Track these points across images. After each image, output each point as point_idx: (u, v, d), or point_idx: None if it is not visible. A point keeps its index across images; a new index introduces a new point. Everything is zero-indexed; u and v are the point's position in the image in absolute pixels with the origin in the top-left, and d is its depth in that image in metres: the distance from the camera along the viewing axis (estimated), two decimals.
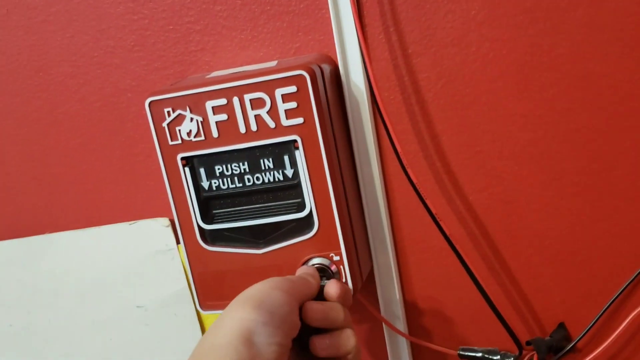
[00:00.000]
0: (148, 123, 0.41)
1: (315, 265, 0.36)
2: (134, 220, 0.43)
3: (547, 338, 0.40)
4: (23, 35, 0.41)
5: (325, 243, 0.36)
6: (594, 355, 0.38)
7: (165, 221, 0.43)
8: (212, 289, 0.38)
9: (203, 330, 0.44)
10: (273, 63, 0.37)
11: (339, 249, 0.36)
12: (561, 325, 0.40)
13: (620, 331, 0.38)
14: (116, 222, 0.44)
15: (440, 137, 0.38)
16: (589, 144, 0.36)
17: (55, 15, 0.40)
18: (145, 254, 0.43)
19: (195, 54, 0.39)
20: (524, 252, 0.39)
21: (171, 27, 0.39)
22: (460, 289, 0.41)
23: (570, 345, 0.39)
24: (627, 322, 0.37)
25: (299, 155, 0.35)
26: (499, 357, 0.40)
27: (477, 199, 0.39)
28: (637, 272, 0.37)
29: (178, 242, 0.43)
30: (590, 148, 0.36)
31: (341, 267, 0.36)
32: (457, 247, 0.36)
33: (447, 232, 0.36)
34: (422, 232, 0.40)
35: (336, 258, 0.36)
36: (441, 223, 0.36)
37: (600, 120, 0.36)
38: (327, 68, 0.36)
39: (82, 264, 0.44)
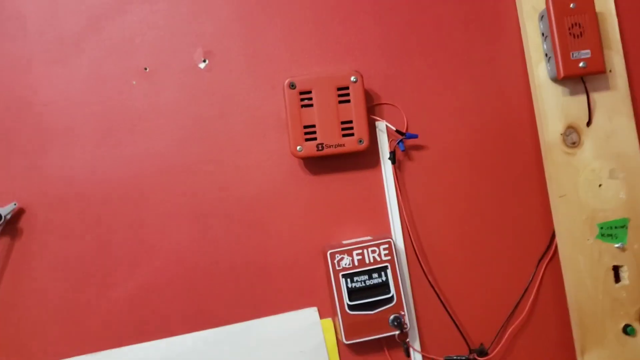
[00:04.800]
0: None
1: (395, 316, 0.91)
2: (294, 310, 0.95)
3: (477, 348, 0.97)
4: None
5: (398, 308, 0.91)
6: (496, 355, 0.96)
7: (315, 309, 0.95)
8: (351, 331, 0.91)
9: None
10: (369, 237, 0.95)
11: (404, 310, 0.91)
12: (482, 344, 0.97)
13: (505, 341, 0.96)
14: (280, 313, 0.95)
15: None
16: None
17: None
18: (299, 328, 0.94)
19: (332, 235, 0.95)
20: (457, 293, 0.97)
21: (318, 224, 0.95)
22: (439, 326, 0.97)
23: (486, 351, 0.96)
24: (507, 337, 0.96)
25: (389, 271, 0.91)
26: (465, 357, 0.96)
27: None
28: (515, 305, 0.97)
29: (321, 317, 0.95)
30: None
31: (405, 317, 0.91)
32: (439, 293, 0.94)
33: (440, 295, 0.94)
34: (425, 300, 0.96)
35: (403, 313, 0.91)
36: (438, 291, 0.94)
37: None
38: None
39: (257, 343, 0.94)
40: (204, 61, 0.92)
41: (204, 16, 0.92)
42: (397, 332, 0.90)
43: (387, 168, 0.95)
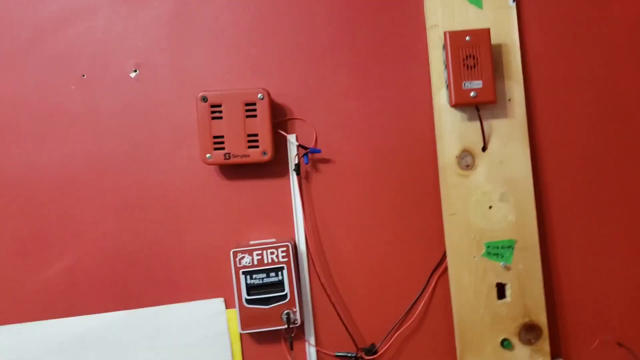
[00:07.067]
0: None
1: (287, 312, 1.00)
2: (204, 299, 1.06)
3: (366, 347, 1.05)
4: None
5: (291, 305, 1.01)
6: (384, 354, 1.04)
7: (222, 300, 1.05)
8: (247, 322, 1.01)
9: (234, 353, 1.05)
10: (273, 239, 1.04)
11: (296, 307, 1.01)
12: (373, 344, 1.06)
13: (393, 343, 1.04)
14: (190, 300, 1.05)
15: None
16: None
17: None
18: (206, 315, 1.05)
19: (242, 235, 1.05)
20: (354, 293, 1.06)
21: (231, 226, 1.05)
22: (332, 327, 1.06)
23: (375, 350, 1.05)
24: (396, 339, 1.04)
25: (285, 271, 1.01)
26: (354, 354, 1.05)
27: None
28: (406, 311, 1.05)
29: (227, 307, 1.05)
30: None
31: (297, 313, 1.01)
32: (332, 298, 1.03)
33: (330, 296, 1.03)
34: (323, 300, 1.05)
35: (295, 310, 1.01)
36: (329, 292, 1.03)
37: None
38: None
39: (165, 327, 1.05)
40: (135, 71, 1.03)
41: (136, 32, 1.03)
42: (284, 327, 1.00)
43: (294, 178, 1.04)
